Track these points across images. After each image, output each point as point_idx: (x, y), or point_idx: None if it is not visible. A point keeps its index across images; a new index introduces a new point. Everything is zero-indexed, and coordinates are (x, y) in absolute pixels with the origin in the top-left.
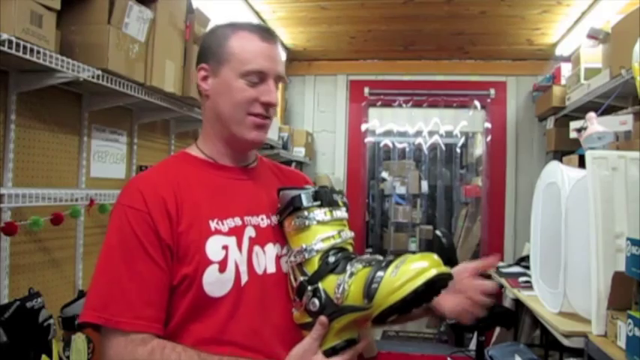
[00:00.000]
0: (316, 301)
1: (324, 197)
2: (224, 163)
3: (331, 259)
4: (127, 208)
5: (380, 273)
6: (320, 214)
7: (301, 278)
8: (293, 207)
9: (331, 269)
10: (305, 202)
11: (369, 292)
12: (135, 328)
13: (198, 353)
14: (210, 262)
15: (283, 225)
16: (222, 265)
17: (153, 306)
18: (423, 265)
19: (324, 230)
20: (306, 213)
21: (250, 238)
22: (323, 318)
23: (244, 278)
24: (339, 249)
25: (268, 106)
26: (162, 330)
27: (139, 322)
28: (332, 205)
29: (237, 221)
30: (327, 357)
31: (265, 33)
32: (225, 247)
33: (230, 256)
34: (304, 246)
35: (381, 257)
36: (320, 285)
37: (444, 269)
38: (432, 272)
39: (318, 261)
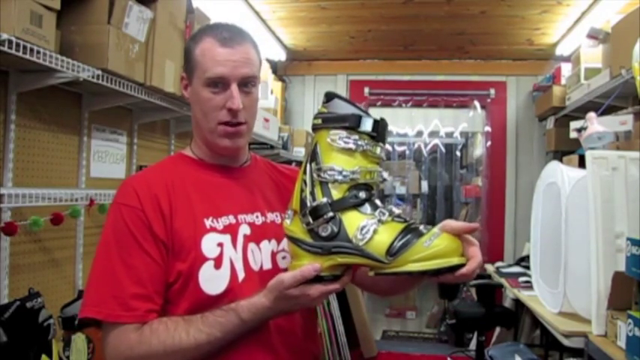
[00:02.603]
0: (329, 228)
1: (383, 132)
2: (216, 163)
3: (362, 194)
4: (121, 205)
5: (413, 239)
6: (371, 145)
7: (324, 200)
8: (348, 124)
9: (357, 204)
10: (364, 127)
11: (394, 251)
12: (130, 320)
13: (182, 317)
14: (205, 259)
15: (318, 131)
16: (218, 262)
17: (148, 298)
18: (454, 247)
19: (367, 162)
20: (357, 137)
21: (245, 236)
22: (318, 266)
23: (241, 275)
24: (368, 186)
25: (234, 111)
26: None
27: (135, 313)
28: (383, 141)
29: (231, 219)
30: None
31: (227, 37)
32: (220, 245)
33: (225, 253)
34: (341, 169)
35: (403, 216)
36: (340, 215)
37: (464, 260)
38: (462, 260)
39: (348, 190)
